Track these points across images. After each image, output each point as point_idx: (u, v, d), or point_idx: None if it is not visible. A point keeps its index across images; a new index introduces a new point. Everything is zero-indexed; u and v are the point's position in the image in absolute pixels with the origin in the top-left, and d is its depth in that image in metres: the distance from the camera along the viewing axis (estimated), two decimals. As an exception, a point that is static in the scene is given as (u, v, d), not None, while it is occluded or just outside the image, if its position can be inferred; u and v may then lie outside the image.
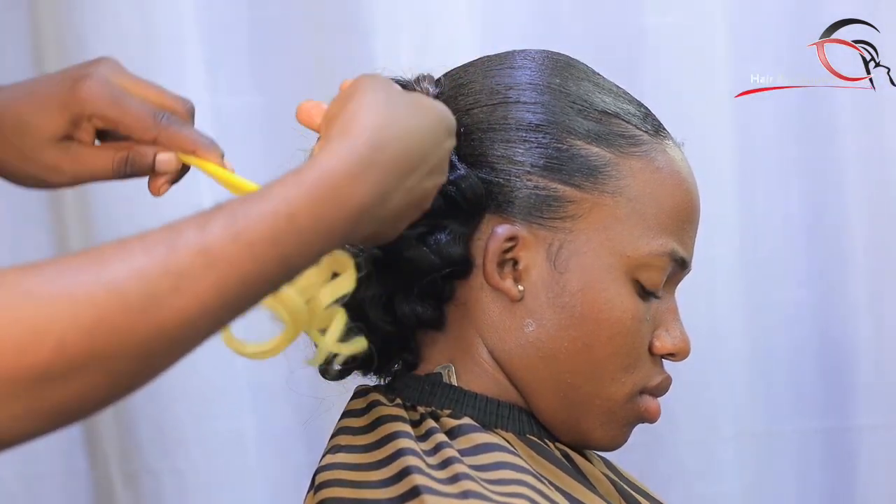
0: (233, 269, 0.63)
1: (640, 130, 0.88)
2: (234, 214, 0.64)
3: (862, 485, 1.63)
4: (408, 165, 0.71)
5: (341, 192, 0.67)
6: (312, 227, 0.66)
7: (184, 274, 0.62)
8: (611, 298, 0.85)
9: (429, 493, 0.76)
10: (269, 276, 0.65)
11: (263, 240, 0.64)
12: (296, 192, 0.66)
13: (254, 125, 1.54)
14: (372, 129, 0.70)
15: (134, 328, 0.60)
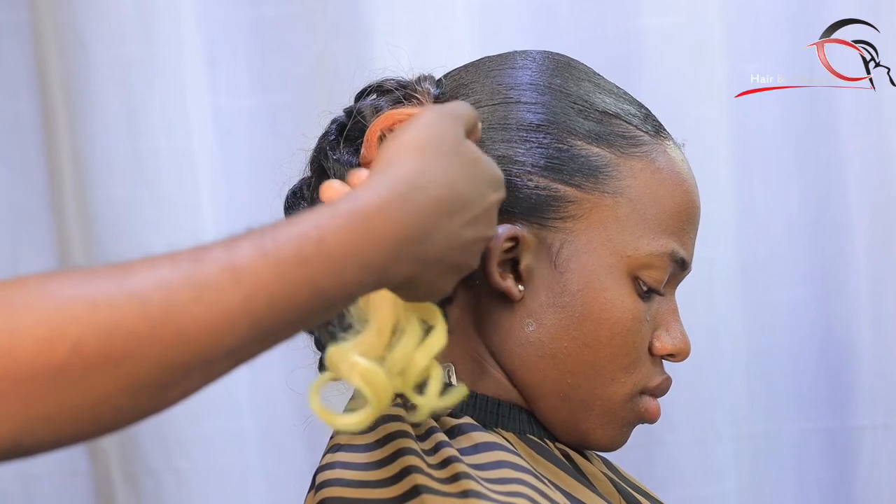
0: (259, 287, 0.62)
1: (641, 131, 0.88)
2: (262, 235, 0.64)
3: (861, 485, 1.63)
4: (446, 210, 0.69)
5: (373, 223, 0.66)
6: (342, 255, 0.64)
7: (208, 286, 0.61)
8: (611, 299, 0.85)
9: (429, 493, 0.76)
10: (298, 300, 0.63)
11: (291, 260, 0.63)
12: (327, 219, 0.65)
13: (254, 125, 1.54)
14: (413, 169, 0.69)
15: (152, 334, 0.60)
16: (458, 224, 0.70)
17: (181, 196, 1.51)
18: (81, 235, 1.51)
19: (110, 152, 1.49)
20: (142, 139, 1.50)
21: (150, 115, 1.49)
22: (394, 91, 0.88)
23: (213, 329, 0.61)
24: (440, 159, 0.70)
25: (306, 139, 0.90)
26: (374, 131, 0.85)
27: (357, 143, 0.86)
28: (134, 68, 1.49)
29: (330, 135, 0.89)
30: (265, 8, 1.53)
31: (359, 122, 0.86)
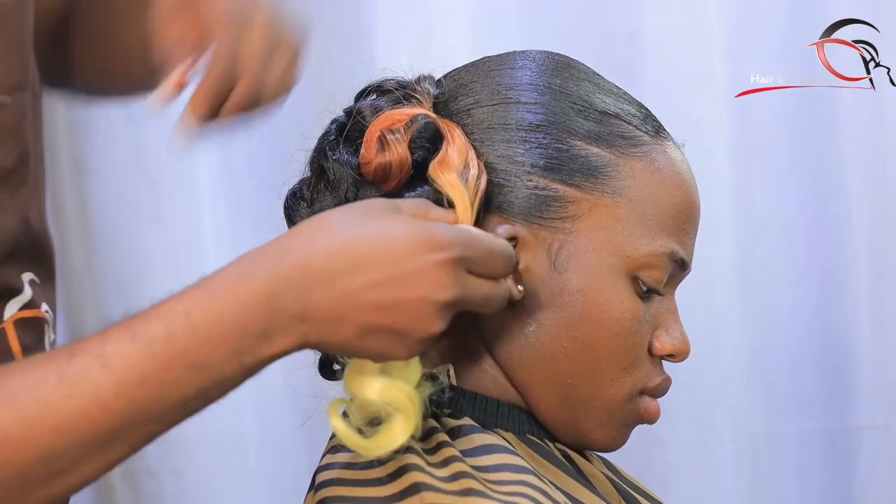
0: (129, 370, 0.63)
1: (641, 131, 0.88)
2: (132, 319, 0.65)
3: (861, 485, 1.63)
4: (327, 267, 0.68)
5: (237, 286, 0.66)
6: (211, 324, 0.65)
7: (80, 379, 0.63)
8: (610, 299, 0.85)
9: (429, 490, 0.76)
10: (173, 377, 0.64)
11: (159, 338, 0.64)
12: (194, 291, 0.66)
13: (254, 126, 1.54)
14: (291, 235, 0.69)
15: (29, 436, 0.62)
16: (357, 285, 0.68)
17: (181, 196, 1.51)
18: (81, 235, 1.51)
19: (110, 152, 1.49)
20: (142, 139, 1.49)
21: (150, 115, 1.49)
22: (394, 91, 0.88)
23: (89, 418, 0.63)
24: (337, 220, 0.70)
25: (306, 139, 0.90)
26: (374, 131, 0.85)
27: (357, 143, 0.86)
28: (134, 68, 1.48)
29: (330, 135, 0.89)
30: (265, 8, 1.53)
31: (359, 123, 0.86)
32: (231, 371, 0.67)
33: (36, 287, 0.79)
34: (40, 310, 0.80)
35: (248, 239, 1.56)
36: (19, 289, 0.78)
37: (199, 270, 1.56)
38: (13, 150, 0.74)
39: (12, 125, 0.73)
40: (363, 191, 0.85)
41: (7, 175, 0.74)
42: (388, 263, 0.69)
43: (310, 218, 0.71)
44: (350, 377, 0.75)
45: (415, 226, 0.71)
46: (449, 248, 0.70)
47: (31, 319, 0.79)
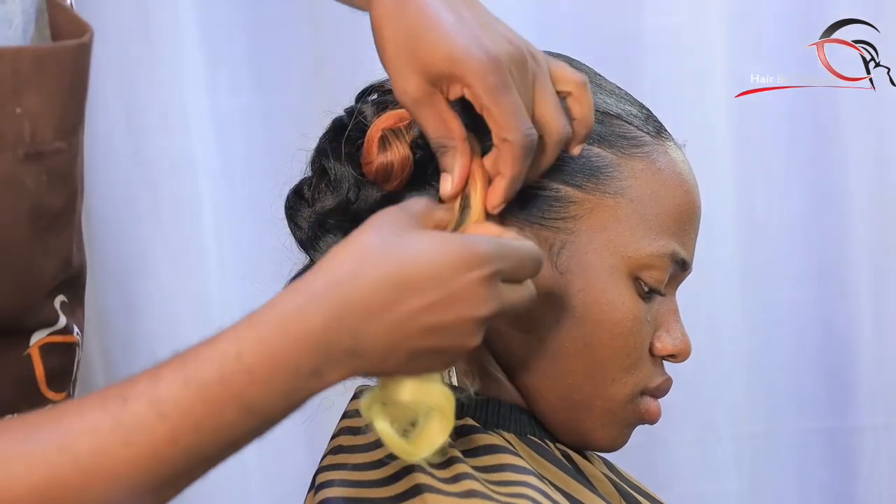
0: (184, 416, 0.63)
1: (642, 132, 0.88)
2: (184, 359, 0.64)
3: (862, 485, 1.63)
4: (379, 299, 0.67)
5: (289, 326, 0.65)
6: (265, 365, 0.64)
7: (134, 426, 0.62)
8: (612, 299, 0.85)
9: (431, 492, 0.76)
10: (226, 420, 0.64)
11: (212, 382, 0.63)
12: (244, 330, 0.65)
13: (254, 125, 1.54)
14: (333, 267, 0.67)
15: (85, 484, 0.62)
16: (404, 313, 0.67)
17: (181, 196, 1.51)
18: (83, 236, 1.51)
19: (110, 152, 1.49)
20: (142, 139, 1.50)
21: (150, 115, 1.49)
22: (395, 91, 0.88)
23: (144, 466, 0.62)
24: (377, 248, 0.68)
25: (306, 139, 0.90)
26: (376, 131, 0.85)
27: (358, 142, 0.86)
28: (134, 68, 1.49)
29: (331, 134, 0.89)
30: (265, 8, 1.53)
31: (360, 122, 0.86)
32: (283, 410, 0.66)
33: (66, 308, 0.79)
34: (73, 335, 0.80)
35: (248, 239, 1.57)
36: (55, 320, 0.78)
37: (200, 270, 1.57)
38: (63, 193, 0.73)
39: (65, 169, 0.72)
40: (364, 190, 0.85)
41: (55, 218, 0.73)
42: (432, 286, 0.68)
43: (344, 244, 0.69)
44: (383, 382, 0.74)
45: (450, 243, 0.69)
46: (488, 264, 0.69)
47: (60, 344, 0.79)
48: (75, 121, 0.73)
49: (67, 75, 0.71)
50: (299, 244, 0.88)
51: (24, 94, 0.68)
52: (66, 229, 0.76)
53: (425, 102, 0.75)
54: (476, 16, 0.76)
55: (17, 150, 0.68)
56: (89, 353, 1.53)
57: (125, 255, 1.50)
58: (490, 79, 0.73)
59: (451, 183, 0.76)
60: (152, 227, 1.50)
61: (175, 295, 1.51)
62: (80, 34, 0.72)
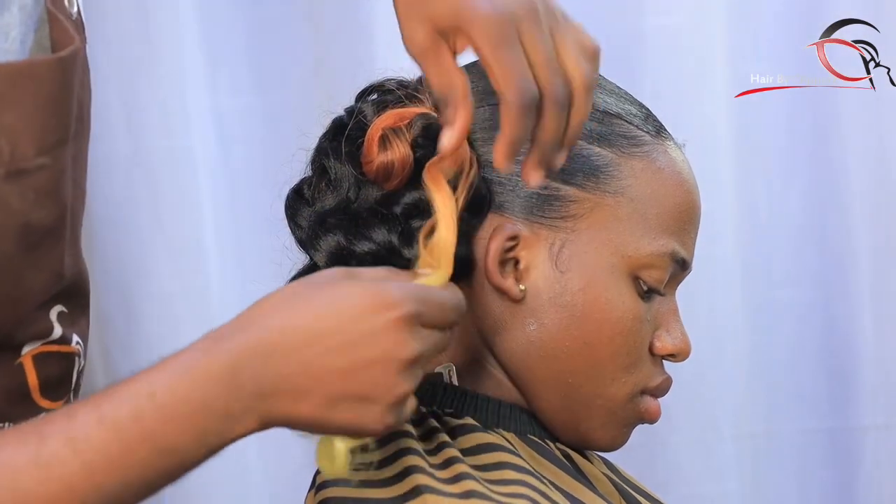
0: (97, 452, 0.63)
1: (642, 131, 0.88)
2: (98, 399, 0.64)
3: (863, 485, 1.63)
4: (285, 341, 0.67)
5: (198, 366, 0.65)
6: (177, 404, 0.64)
7: (51, 463, 0.63)
8: (612, 298, 0.85)
9: (431, 493, 0.76)
10: (140, 459, 0.64)
11: (125, 418, 0.64)
12: (157, 372, 0.65)
13: (254, 125, 1.54)
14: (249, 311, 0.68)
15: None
16: (313, 354, 0.67)
17: (181, 196, 1.51)
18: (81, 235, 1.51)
19: (110, 152, 1.49)
20: (142, 139, 1.49)
21: (150, 115, 1.49)
22: (395, 91, 0.88)
23: (60, 502, 0.63)
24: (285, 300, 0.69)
25: (307, 139, 0.90)
26: (376, 130, 0.85)
27: (358, 142, 0.86)
28: (134, 68, 1.48)
29: (331, 134, 0.89)
30: (265, 8, 1.53)
31: (360, 122, 0.86)
32: (196, 452, 0.66)
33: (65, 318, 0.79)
34: (71, 345, 0.80)
35: (248, 239, 1.57)
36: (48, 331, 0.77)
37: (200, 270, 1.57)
38: (53, 209, 0.73)
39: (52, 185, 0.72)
40: (364, 190, 0.85)
41: (46, 234, 0.73)
42: (341, 329, 0.68)
43: (267, 295, 0.70)
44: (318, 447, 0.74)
45: (365, 288, 0.69)
46: (400, 306, 0.68)
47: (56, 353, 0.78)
48: (60, 135, 0.72)
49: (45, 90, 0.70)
50: (299, 244, 0.88)
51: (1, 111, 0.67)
52: (57, 244, 0.75)
53: (431, 53, 0.74)
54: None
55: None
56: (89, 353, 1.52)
57: (125, 255, 1.50)
58: (492, 33, 0.72)
59: (450, 134, 0.75)
60: (152, 227, 1.50)
61: (175, 295, 1.51)
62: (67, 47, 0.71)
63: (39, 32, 0.74)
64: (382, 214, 0.84)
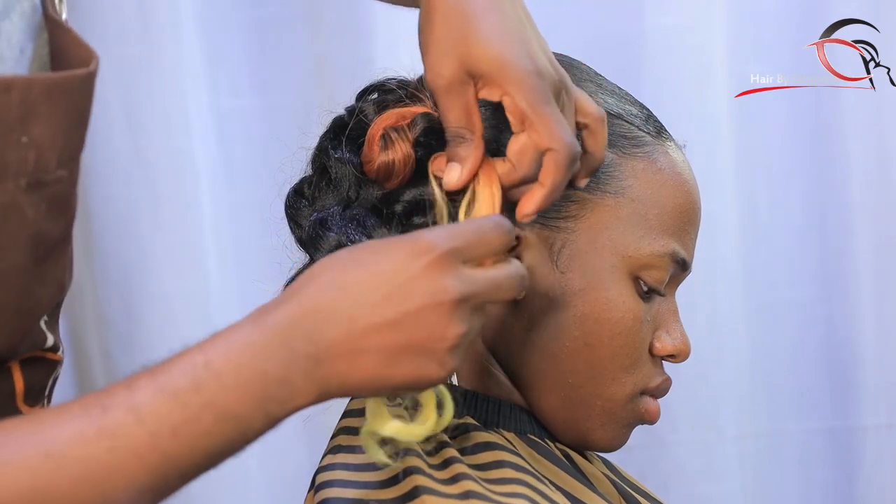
0: (162, 423, 0.63)
1: (643, 132, 0.88)
2: (153, 372, 0.65)
3: (864, 485, 1.63)
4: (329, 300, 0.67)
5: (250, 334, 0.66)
6: (233, 371, 0.65)
7: (116, 432, 0.63)
8: (612, 299, 0.85)
9: (430, 494, 0.76)
10: (203, 426, 0.64)
11: (186, 388, 0.64)
12: (210, 343, 0.66)
13: (253, 126, 1.54)
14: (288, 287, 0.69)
15: (72, 490, 0.62)
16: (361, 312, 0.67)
17: (181, 196, 1.51)
18: (81, 235, 1.51)
19: (110, 152, 1.49)
20: (142, 139, 1.49)
21: (150, 115, 1.49)
22: (396, 90, 0.87)
23: (128, 473, 0.63)
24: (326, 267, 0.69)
25: (307, 138, 0.90)
26: (377, 130, 0.84)
27: (359, 141, 0.85)
28: (134, 68, 1.49)
29: (331, 133, 0.88)
30: (265, 8, 1.53)
31: (361, 121, 0.86)
32: (258, 421, 0.66)
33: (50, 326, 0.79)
34: (58, 353, 0.80)
35: (248, 238, 1.57)
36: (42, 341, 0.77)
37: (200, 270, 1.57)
38: (62, 221, 0.73)
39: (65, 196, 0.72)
40: (364, 189, 0.85)
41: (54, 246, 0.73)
42: (382, 283, 0.67)
43: (310, 267, 0.70)
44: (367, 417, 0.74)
45: (396, 240, 0.70)
46: (434, 249, 0.68)
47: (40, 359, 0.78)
48: (77, 148, 0.72)
49: (75, 104, 0.70)
50: (299, 243, 0.88)
51: (32, 123, 0.67)
52: (62, 256, 0.75)
53: (456, 91, 0.75)
54: (529, 21, 0.77)
55: (19, 179, 0.67)
56: (89, 353, 1.53)
57: (125, 255, 1.50)
58: (536, 90, 0.74)
59: (458, 173, 0.76)
60: (152, 226, 1.50)
61: (175, 295, 1.51)
62: (85, 58, 0.71)
63: (38, 41, 0.74)
64: (383, 213, 0.84)
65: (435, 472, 0.79)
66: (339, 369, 0.67)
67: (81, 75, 0.70)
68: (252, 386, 0.65)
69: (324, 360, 0.66)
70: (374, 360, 0.67)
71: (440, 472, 0.79)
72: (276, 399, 0.66)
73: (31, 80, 0.67)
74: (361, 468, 0.82)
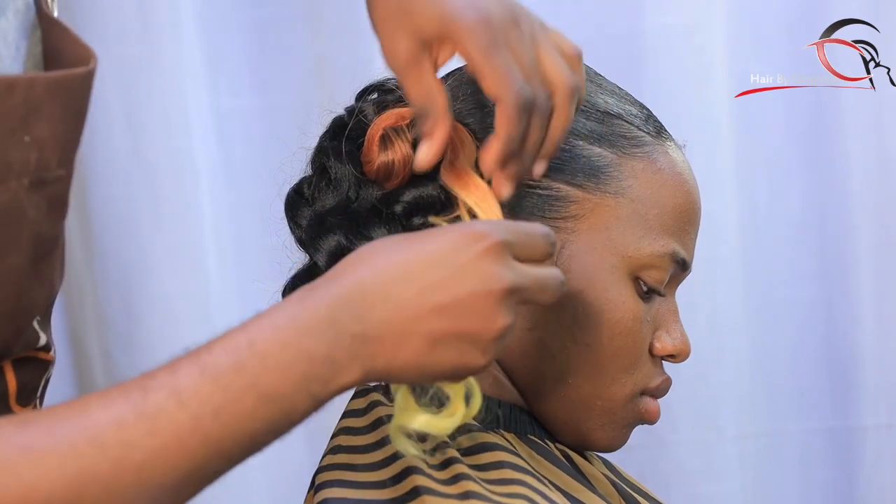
0: (203, 404, 0.63)
1: (643, 132, 0.88)
2: (198, 353, 0.64)
3: (864, 485, 1.63)
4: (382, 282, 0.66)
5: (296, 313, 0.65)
6: (277, 352, 0.64)
7: (157, 416, 0.63)
8: (612, 299, 0.85)
9: (429, 494, 0.76)
10: (245, 408, 0.64)
11: (228, 371, 0.63)
12: (254, 322, 0.65)
13: (254, 126, 1.54)
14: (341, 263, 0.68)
15: (115, 475, 0.62)
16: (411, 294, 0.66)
17: (181, 196, 1.51)
18: (81, 235, 1.51)
19: (110, 152, 1.49)
20: (142, 139, 1.50)
21: (150, 115, 1.49)
22: (396, 90, 0.88)
23: (169, 456, 0.63)
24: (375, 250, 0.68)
25: (307, 138, 0.90)
26: (377, 130, 0.84)
27: (359, 141, 0.86)
28: (134, 68, 1.49)
29: (331, 133, 0.89)
30: (265, 8, 1.53)
31: (360, 121, 0.86)
32: (301, 402, 0.66)
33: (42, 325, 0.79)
34: (50, 353, 0.80)
35: (248, 239, 1.57)
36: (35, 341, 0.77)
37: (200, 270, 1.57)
38: (58, 220, 0.73)
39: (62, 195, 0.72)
40: (364, 189, 0.85)
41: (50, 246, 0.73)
42: (434, 264, 0.67)
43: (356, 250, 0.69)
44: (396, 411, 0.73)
45: (451, 227, 0.70)
46: (489, 237, 0.68)
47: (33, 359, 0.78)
48: (76, 146, 0.72)
49: (76, 102, 0.70)
50: (299, 243, 0.88)
51: (34, 122, 0.67)
52: (55, 255, 0.75)
53: (413, 66, 0.75)
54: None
55: (21, 178, 0.67)
56: (89, 353, 1.53)
57: (125, 255, 1.50)
58: (481, 37, 0.72)
59: (427, 148, 0.75)
60: (152, 226, 1.50)
61: (175, 295, 1.51)
62: (83, 56, 0.71)
63: (32, 38, 0.73)
64: (383, 214, 0.84)
65: (435, 473, 0.79)
66: (385, 350, 0.67)
67: (82, 74, 0.70)
68: (295, 365, 0.65)
69: (371, 339, 0.66)
70: (421, 344, 0.67)
71: (440, 473, 0.79)
72: (321, 378, 0.65)
73: (34, 80, 0.67)
74: (361, 468, 0.82)
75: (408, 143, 0.84)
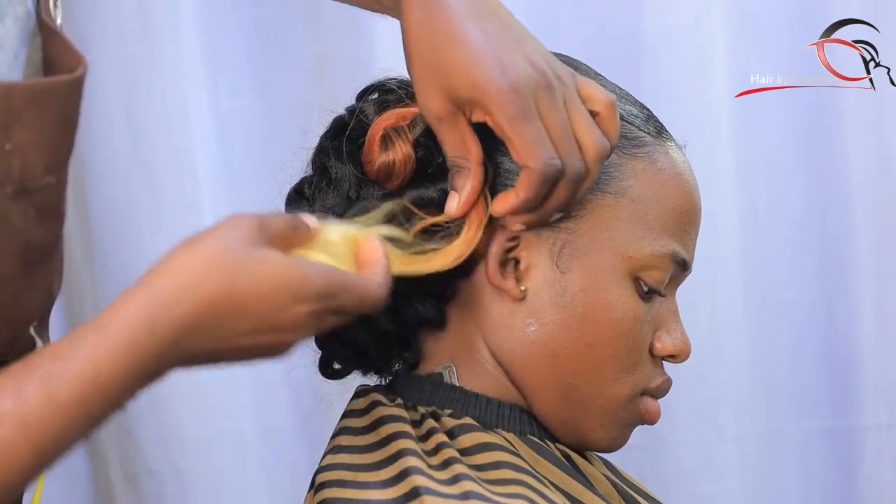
0: (48, 435, 0.64)
1: (643, 132, 0.88)
2: (50, 377, 0.64)
3: (864, 485, 1.63)
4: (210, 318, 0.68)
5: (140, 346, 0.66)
6: (120, 382, 0.65)
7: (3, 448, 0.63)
8: (612, 299, 0.85)
9: (429, 494, 0.76)
10: (79, 432, 0.65)
11: (73, 402, 0.64)
12: (103, 344, 0.65)
13: (253, 126, 1.54)
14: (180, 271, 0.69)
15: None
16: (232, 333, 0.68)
17: (181, 196, 1.51)
18: (80, 235, 1.51)
19: (110, 152, 1.49)
20: (142, 139, 1.49)
21: (150, 115, 1.49)
22: (396, 90, 0.88)
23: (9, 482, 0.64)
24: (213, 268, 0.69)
25: (307, 138, 0.90)
26: (378, 130, 0.85)
27: (360, 141, 0.86)
28: (134, 68, 1.49)
29: (332, 133, 0.89)
30: (265, 8, 1.53)
31: (361, 121, 0.86)
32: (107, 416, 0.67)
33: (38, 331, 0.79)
34: None
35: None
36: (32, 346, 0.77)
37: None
38: (52, 227, 0.73)
39: (54, 203, 0.72)
40: (365, 189, 0.85)
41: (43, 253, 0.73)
42: (258, 313, 0.68)
43: (190, 246, 0.71)
44: None
45: (288, 271, 0.69)
46: (319, 300, 0.69)
47: None
48: (65, 154, 0.72)
49: (61, 110, 0.70)
50: (299, 243, 0.88)
51: (16, 129, 0.67)
52: (51, 263, 0.75)
53: (448, 121, 0.77)
54: (502, 31, 0.77)
55: (4, 186, 0.67)
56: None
57: (125, 255, 1.50)
58: (511, 109, 0.74)
59: (457, 203, 0.80)
60: (152, 226, 1.50)
61: (175, 295, 1.50)
62: (74, 64, 0.71)
63: (32, 45, 0.73)
64: (383, 214, 0.84)
65: (434, 473, 0.79)
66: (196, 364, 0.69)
67: (67, 81, 0.70)
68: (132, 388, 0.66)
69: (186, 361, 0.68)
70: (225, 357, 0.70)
71: (440, 473, 0.79)
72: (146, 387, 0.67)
73: (11, 87, 0.67)
74: (361, 468, 0.82)
75: (409, 143, 0.84)
